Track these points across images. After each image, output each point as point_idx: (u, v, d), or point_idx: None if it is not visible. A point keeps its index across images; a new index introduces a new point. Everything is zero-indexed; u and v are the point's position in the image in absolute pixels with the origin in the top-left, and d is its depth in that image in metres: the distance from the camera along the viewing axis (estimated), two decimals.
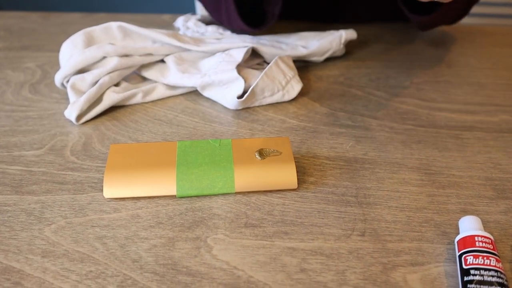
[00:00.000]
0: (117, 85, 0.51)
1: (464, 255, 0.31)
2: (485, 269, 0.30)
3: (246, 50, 0.51)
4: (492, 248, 0.31)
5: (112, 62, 0.49)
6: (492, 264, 0.30)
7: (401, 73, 0.57)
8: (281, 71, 0.50)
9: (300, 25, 0.70)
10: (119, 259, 0.33)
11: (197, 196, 0.38)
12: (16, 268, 0.32)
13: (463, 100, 0.52)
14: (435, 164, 0.42)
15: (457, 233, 0.35)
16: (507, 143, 0.45)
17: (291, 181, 0.38)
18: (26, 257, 0.33)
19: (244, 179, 0.38)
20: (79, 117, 0.47)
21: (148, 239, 0.35)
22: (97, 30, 0.52)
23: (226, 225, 0.36)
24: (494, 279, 0.29)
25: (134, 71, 0.53)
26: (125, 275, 0.32)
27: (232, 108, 0.49)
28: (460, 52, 0.63)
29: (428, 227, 0.36)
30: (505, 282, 0.29)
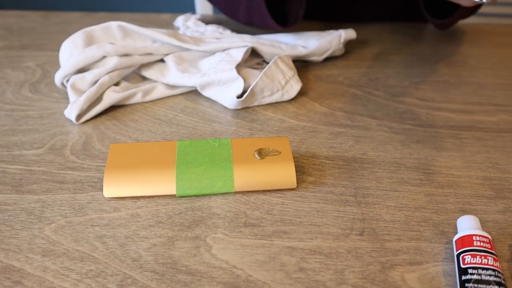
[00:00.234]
0: (117, 84, 0.51)
1: (462, 254, 0.31)
2: (483, 268, 0.30)
3: (245, 49, 0.51)
4: (490, 247, 0.31)
5: (112, 62, 0.50)
6: (489, 263, 0.30)
7: (400, 73, 0.58)
8: (280, 70, 0.50)
9: (300, 24, 0.70)
10: (119, 258, 0.33)
11: (197, 196, 0.38)
12: (17, 267, 0.32)
13: (462, 100, 0.52)
14: (434, 163, 0.42)
15: (455, 232, 0.35)
16: (506, 142, 0.45)
17: (290, 180, 0.38)
18: (26, 256, 0.33)
19: (244, 179, 0.38)
20: (79, 117, 0.47)
21: (148, 238, 0.35)
22: (97, 30, 0.52)
23: (225, 224, 0.36)
24: (491, 278, 0.29)
25: (134, 71, 0.53)
26: (125, 274, 0.32)
27: (231, 107, 0.50)
28: (459, 52, 0.63)
29: (426, 226, 0.36)
30: (502, 281, 0.29)
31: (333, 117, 0.49)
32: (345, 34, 0.58)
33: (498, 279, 0.29)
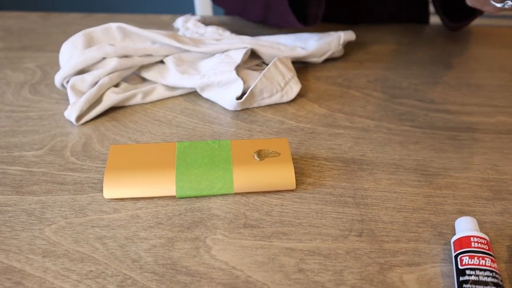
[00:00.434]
0: (116, 86, 0.51)
1: (460, 256, 0.31)
2: (480, 269, 0.30)
3: (245, 51, 0.51)
4: (487, 248, 0.31)
5: (112, 63, 0.50)
6: (487, 264, 0.30)
7: (399, 75, 0.58)
8: (279, 72, 0.51)
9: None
10: (119, 259, 0.33)
11: (196, 197, 0.38)
12: (17, 268, 0.33)
13: (461, 101, 0.52)
14: (432, 165, 0.42)
15: (454, 233, 0.35)
16: (504, 144, 0.45)
17: (289, 182, 0.38)
18: (27, 257, 0.33)
19: (243, 180, 0.38)
20: (79, 118, 0.47)
21: (148, 239, 0.35)
22: (97, 31, 0.52)
23: (225, 225, 0.36)
24: (489, 279, 0.29)
25: (134, 72, 0.53)
26: (125, 274, 0.32)
27: (231, 109, 0.50)
28: (458, 54, 0.63)
29: (424, 227, 0.36)
30: (500, 282, 0.29)
31: (332, 118, 0.49)
32: (345, 36, 0.59)
33: (495, 280, 0.29)
